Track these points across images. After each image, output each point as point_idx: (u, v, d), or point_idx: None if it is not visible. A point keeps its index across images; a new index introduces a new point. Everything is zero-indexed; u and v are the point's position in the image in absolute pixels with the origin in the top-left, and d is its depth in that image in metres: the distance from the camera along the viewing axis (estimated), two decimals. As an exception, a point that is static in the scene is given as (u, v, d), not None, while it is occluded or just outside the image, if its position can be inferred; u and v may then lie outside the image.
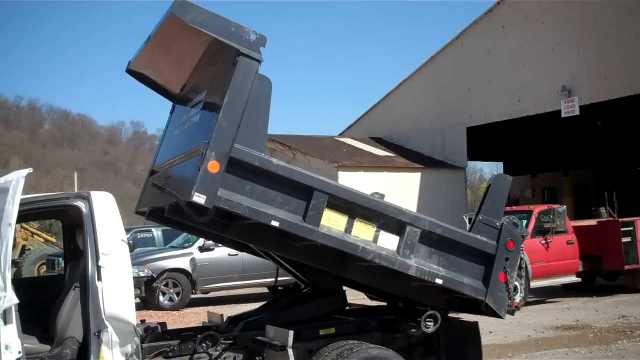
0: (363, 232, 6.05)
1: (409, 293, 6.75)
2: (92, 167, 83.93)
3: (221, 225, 6.11)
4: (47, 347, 5.69)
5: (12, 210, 5.15)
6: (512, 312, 6.71)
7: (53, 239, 28.33)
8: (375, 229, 6.10)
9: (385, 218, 6.11)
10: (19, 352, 5.07)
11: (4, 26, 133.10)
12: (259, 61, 5.63)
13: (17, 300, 5.09)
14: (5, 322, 5.01)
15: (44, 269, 24.20)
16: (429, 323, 6.53)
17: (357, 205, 6.01)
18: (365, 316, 7.05)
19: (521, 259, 6.78)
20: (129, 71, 7.04)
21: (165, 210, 5.94)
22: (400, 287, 6.68)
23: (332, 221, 5.91)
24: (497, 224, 6.56)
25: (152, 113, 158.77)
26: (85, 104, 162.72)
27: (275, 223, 5.67)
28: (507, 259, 6.52)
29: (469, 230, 6.61)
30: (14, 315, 5.08)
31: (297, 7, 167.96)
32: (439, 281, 6.25)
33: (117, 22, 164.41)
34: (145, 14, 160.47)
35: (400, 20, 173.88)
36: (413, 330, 6.64)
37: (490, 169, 66.76)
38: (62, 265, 20.57)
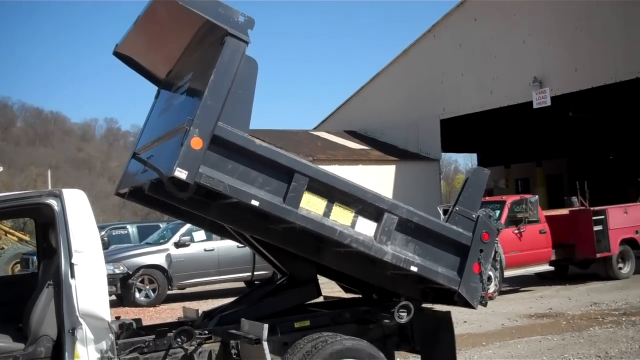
0: (341, 216, 6.08)
1: (384, 282, 6.80)
2: (66, 165, 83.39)
3: (201, 205, 6.12)
4: (21, 346, 5.66)
5: (-18, 209, 5.14)
6: (484, 304, 6.79)
7: (27, 238, 28.10)
8: (353, 214, 6.13)
9: (364, 204, 6.14)
10: (-7, 351, 5.07)
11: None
12: (247, 42, 5.68)
13: (-11, 299, 5.08)
14: (-22, 321, 5.01)
15: (18, 267, 24.00)
16: (402, 313, 6.60)
17: (336, 190, 6.05)
18: (340, 308, 7.10)
19: (496, 251, 6.88)
20: (116, 54, 6.98)
21: (146, 187, 5.96)
22: (375, 276, 6.73)
23: (312, 204, 5.94)
24: (474, 216, 6.62)
25: (126, 110, 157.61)
26: (58, 101, 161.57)
27: (255, 202, 5.69)
28: (481, 251, 6.58)
29: (446, 221, 6.68)
30: (-13, 314, 5.08)
31: (269, 3, 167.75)
32: (414, 269, 6.28)
33: (89, 18, 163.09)
34: (118, 11, 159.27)
35: (374, 13, 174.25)
36: (386, 321, 6.69)
37: (465, 161, 67.39)
38: (37, 263, 20.48)
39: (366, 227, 6.18)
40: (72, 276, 5.54)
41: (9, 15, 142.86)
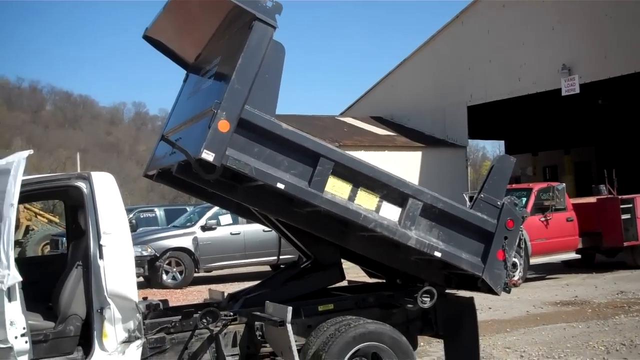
0: (366, 201, 6.13)
1: (408, 267, 6.84)
2: (95, 148, 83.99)
3: (227, 187, 6.20)
4: (52, 324, 5.80)
5: (14, 191, 5.25)
6: (508, 290, 6.80)
7: (56, 219, 28.49)
8: (378, 199, 6.17)
9: (389, 189, 6.19)
10: (24, 328, 5.18)
11: (5, 8, 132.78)
12: (274, 27, 5.74)
13: (20, 278, 5.19)
14: (10, 300, 5.11)
15: (47, 248, 24.36)
16: (425, 299, 6.65)
17: (361, 175, 6.09)
18: (363, 293, 7.17)
19: (520, 239, 6.88)
20: (146, 37, 7.07)
21: (174, 169, 6.05)
22: (399, 261, 6.76)
23: (337, 188, 5.99)
24: (499, 203, 6.62)
25: (154, 94, 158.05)
26: (86, 85, 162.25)
27: (280, 185, 5.76)
28: (506, 238, 6.58)
29: (470, 208, 6.70)
30: (17, 292, 5.19)
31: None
32: (437, 254, 6.31)
33: (119, 3, 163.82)
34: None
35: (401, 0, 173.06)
36: (410, 305, 6.74)
37: (492, 148, 66.95)
38: (66, 245, 20.78)
39: (391, 212, 6.22)
40: (101, 257, 5.66)
41: (40, 2, 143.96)
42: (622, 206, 17.82)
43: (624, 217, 17.73)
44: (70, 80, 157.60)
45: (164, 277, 17.75)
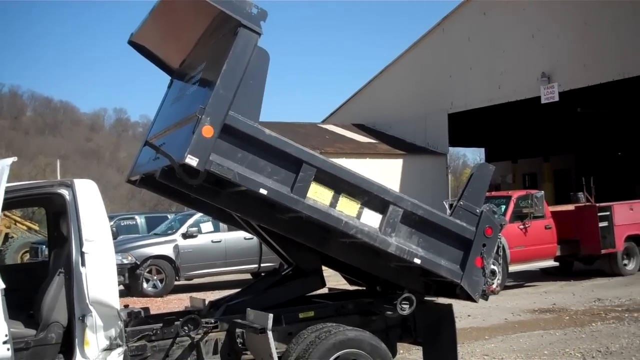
0: (347, 207, 6.22)
1: (388, 274, 6.93)
2: (75, 155, 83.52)
3: (211, 193, 6.26)
4: (33, 332, 5.81)
5: (-2, 198, 5.28)
6: (486, 297, 6.90)
7: (36, 227, 28.27)
8: (359, 205, 6.26)
9: (370, 196, 6.28)
10: (6, 335, 5.20)
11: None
12: (259, 34, 5.84)
13: (3, 286, 5.22)
14: (-8, 307, 5.16)
15: (27, 256, 24.20)
16: (404, 305, 6.73)
17: (343, 181, 6.18)
18: (344, 300, 7.24)
19: (498, 246, 6.99)
20: (131, 43, 7.12)
21: (157, 174, 6.11)
22: (379, 268, 6.85)
23: (319, 194, 6.08)
24: (477, 210, 6.73)
25: (136, 100, 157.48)
26: (67, 91, 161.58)
27: (263, 191, 5.84)
28: (484, 245, 6.69)
29: (450, 215, 6.79)
30: (0, 300, 5.22)
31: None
32: (417, 261, 6.41)
33: (100, 9, 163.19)
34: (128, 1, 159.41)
35: (383, 7, 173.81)
36: (389, 312, 6.82)
37: (473, 155, 67.45)
38: (46, 252, 20.58)
39: (371, 219, 6.31)
40: (83, 264, 5.69)
41: (20, 3, 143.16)
42: (599, 214, 18.03)
43: (601, 224, 17.93)
44: (51, 85, 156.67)
45: (145, 285, 17.71)
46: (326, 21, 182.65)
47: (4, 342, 5.19)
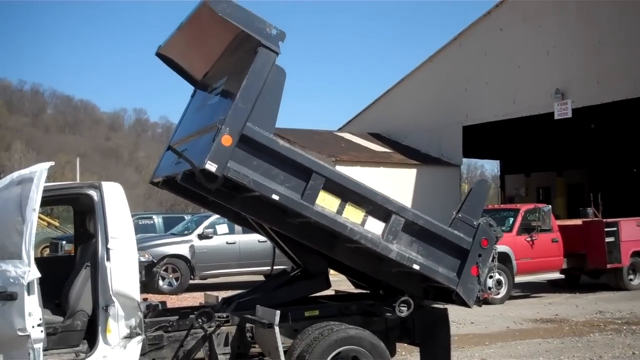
0: (353, 215, 6.71)
1: (390, 279, 7.39)
2: (94, 153, 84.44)
3: (227, 196, 6.76)
4: (60, 319, 6.39)
5: (36, 198, 5.82)
6: (480, 304, 7.38)
7: (56, 223, 28.92)
8: (364, 213, 6.75)
9: (374, 205, 6.77)
10: (40, 319, 5.74)
11: (8, 11, 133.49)
12: (277, 53, 6.36)
13: (39, 275, 5.76)
14: (29, 293, 5.69)
15: (47, 251, 24.78)
16: (402, 308, 7.20)
17: (349, 191, 6.68)
18: (347, 302, 7.75)
19: (494, 256, 7.46)
20: (158, 55, 7.63)
21: (179, 177, 6.61)
22: (382, 272, 7.32)
23: (326, 202, 6.57)
24: (475, 223, 7.21)
25: (155, 101, 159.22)
26: (88, 89, 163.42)
27: (275, 197, 6.34)
28: (480, 255, 7.16)
29: (449, 226, 7.27)
30: (35, 287, 5.75)
31: (300, 3, 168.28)
32: (416, 267, 6.87)
33: (121, 9, 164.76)
34: (148, 2, 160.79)
35: (402, 18, 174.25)
36: (389, 314, 7.30)
37: (491, 167, 67.81)
38: (66, 248, 21.16)
39: (375, 226, 6.80)
40: (108, 259, 6.22)
41: (46, 3, 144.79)
42: (606, 229, 18.39)
43: (607, 240, 18.31)
44: (72, 84, 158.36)
45: (160, 282, 18.25)
46: (346, 30, 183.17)
47: (39, 325, 5.72)
